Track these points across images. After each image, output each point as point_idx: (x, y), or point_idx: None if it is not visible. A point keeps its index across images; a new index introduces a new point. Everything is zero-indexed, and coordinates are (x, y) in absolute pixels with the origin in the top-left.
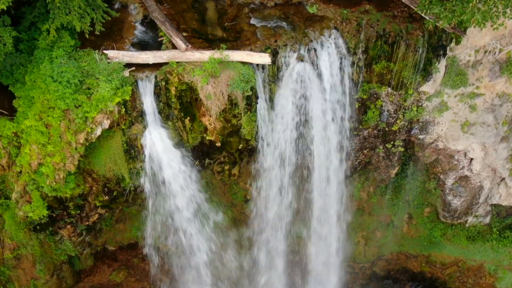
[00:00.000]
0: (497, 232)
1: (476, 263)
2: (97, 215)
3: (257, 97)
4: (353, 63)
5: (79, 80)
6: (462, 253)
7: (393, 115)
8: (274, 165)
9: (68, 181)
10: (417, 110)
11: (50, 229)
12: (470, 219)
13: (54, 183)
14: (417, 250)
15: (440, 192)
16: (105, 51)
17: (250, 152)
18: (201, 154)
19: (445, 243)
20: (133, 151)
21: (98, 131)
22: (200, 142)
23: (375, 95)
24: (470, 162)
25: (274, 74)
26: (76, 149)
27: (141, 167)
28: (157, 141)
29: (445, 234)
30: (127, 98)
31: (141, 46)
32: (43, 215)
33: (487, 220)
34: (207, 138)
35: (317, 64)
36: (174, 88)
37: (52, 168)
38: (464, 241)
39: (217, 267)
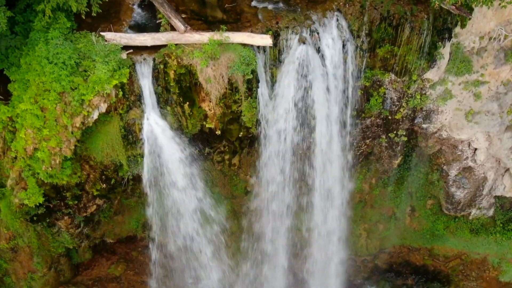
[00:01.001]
0: (501, 225)
1: (480, 256)
2: (95, 206)
3: (258, 81)
4: (356, 47)
5: (75, 62)
6: (465, 246)
7: (396, 103)
8: (275, 152)
9: (65, 167)
10: (420, 98)
11: (47, 220)
12: (474, 211)
13: (50, 169)
14: (419, 243)
15: (443, 184)
16: (102, 33)
17: (251, 141)
18: (201, 142)
19: (448, 236)
20: (131, 137)
21: (95, 115)
22: (199, 130)
23: (378, 82)
24: (474, 152)
25: (275, 58)
26: (72, 133)
27: (139, 154)
28: (155, 126)
29: (448, 227)
30: (125, 81)
31: (139, 28)
32: (39, 203)
33: (491, 212)
34: (207, 125)
35: (319, 47)
36: (173, 71)
37: (48, 153)
38: (467, 234)
39: None
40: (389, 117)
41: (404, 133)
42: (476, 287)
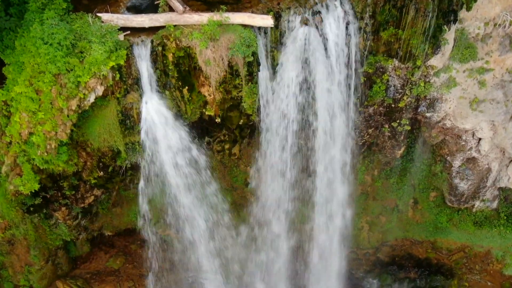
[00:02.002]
0: (505, 217)
1: (483, 249)
2: (92, 197)
3: (259, 64)
4: (359, 29)
5: (71, 43)
6: (469, 239)
7: (400, 90)
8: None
9: (61, 152)
10: (424, 86)
11: (44, 211)
12: (477, 203)
13: (46, 154)
14: (422, 236)
15: (446, 175)
16: (98, 14)
17: (251, 130)
18: (201, 131)
19: (451, 229)
20: (128, 122)
21: (91, 98)
22: (199, 117)
23: (381, 69)
24: (478, 142)
25: (276, 40)
26: (68, 116)
27: (137, 142)
28: (153, 111)
29: (451, 219)
30: (122, 62)
31: (137, 10)
32: (35, 191)
33: (495, 205)
34: (207, 113)
35: (322, 29)
36: (171, 54)
37: (43, 137)
38: (471, 227)
39: None
40: (392, 105)
41: (407, 122)
42: (480, 280)
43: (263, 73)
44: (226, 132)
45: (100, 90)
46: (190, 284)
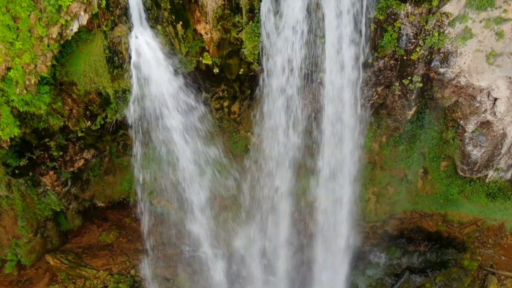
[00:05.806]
0: None
1: (497, 223)
2: (82, 161)
3: None
4: None
5: None
6: (482, 212)
7: (413, 40)
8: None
9: (42, 92)
10: (438, 37)
11: (31, 174)
12: (491, 173)
13: (25, 92)
14: (432, 208)
15: (458, 142)
16: None
17: (252, 90)
18: (197, 86)
19: (462, 201)
20: (116, 59)
21: (75, 26)
22: (195, 67)
23: (393, 16)
24: (494, 103)
25: None
26: (48, 46)
27: (128, 90)
28: (144, 46)
29: (462, 191)
30: None
31: None
32: (19, 150)
33: (509, 175)
34: (204, 61)
35: None
36: None
37: (22, 72)
38: (484, 199)
39: None
40: (404, 58)
41: (419, 80)
42: (493, 254)
43: (265, 6)
44: (225, 87)
45: (84, 18)
46: (187, 258)
